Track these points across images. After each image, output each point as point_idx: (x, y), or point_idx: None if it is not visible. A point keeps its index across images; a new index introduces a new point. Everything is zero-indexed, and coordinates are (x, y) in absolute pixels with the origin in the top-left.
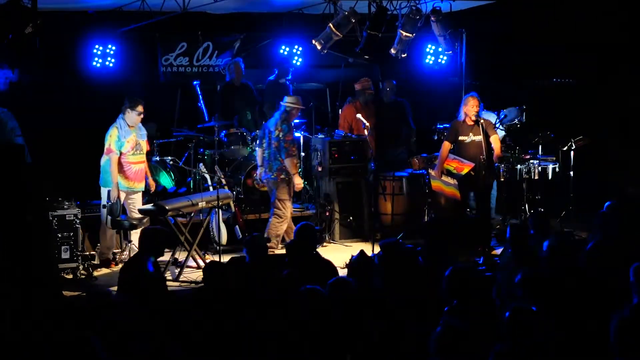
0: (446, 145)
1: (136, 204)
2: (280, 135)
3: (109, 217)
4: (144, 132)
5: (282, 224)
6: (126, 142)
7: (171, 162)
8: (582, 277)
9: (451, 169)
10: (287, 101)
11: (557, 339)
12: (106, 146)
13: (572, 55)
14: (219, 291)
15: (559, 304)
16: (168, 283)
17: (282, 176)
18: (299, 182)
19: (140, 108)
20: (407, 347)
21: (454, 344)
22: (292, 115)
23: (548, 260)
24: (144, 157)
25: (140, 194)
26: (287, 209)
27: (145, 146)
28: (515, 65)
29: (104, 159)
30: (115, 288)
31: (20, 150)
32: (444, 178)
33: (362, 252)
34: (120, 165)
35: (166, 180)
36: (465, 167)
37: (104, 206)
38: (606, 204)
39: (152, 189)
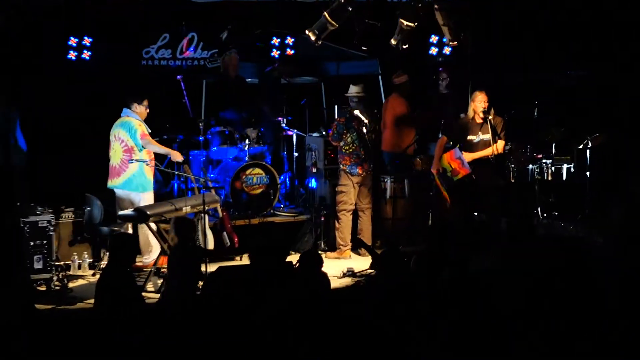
0: (443, 140)
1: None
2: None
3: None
4: None
5: None
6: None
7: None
8: None
9: (448, 169)
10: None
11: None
12: (139, 135)
13: (588, 44)
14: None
15: None
16: (151, 295)
17: None
18: None
19: (146, 102)
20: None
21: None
22: None
23: None
24: None
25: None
26: None
27: None
28: (527, 57)
29: (134, 164)
30: (92, 301)
31: None
32: (440, 178)
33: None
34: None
35: None
36: (461, 173)
37: None
38: None
39: None
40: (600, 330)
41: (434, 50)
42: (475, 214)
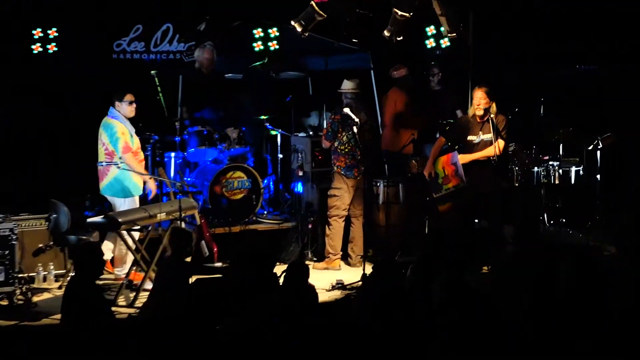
0: (440, 141)
1: None
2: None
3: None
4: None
5: None
6: (134, 138)
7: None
8: None
9: (441, 175)
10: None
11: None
12: (120, 145)
13: (599, 37)
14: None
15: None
16: (123, 310)
17: None
18: None
19: (129, 97)
20: None
21: None
22: None
23: None
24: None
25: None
26: None
27: None
28: (532, 50)
29: (113, 168)
30: (58, 316)
31: None
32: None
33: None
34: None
35: None
36: (452, 182)
37: None
38: None
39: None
40: (601, 330)
41: (430, 43)
42: (476, 220)
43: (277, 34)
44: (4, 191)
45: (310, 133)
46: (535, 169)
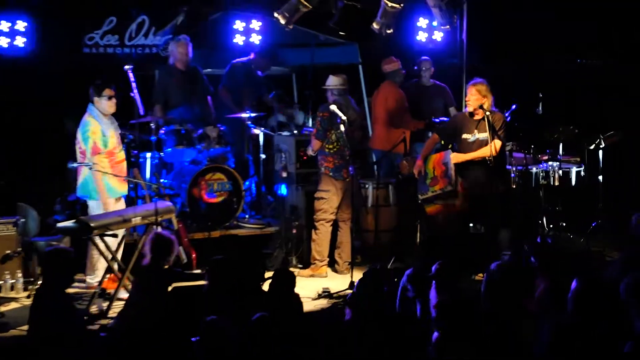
0: (434, 139)
1: None
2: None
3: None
4: (116, 123)
5: None
6: (110, 138)
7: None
8: None
9: (430, 174)
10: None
11: None
12: (89, 145)
13: (602, 29)
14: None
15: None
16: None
17: None
18: None
19: (108, 92)
20: None
21: None
22: None
23: None
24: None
25: (123, 200)
26: None
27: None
28: (530, 44)
29: (85, 168)
30: (26, 327)
31: None
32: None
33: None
34: (110, 166)
35: None
36: (440, 184)
37: None
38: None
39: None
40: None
41: (422, 36)
42: (471, 224)
43: (260, 26)
44: None
45: (295, 132)
46: (534, 169)
